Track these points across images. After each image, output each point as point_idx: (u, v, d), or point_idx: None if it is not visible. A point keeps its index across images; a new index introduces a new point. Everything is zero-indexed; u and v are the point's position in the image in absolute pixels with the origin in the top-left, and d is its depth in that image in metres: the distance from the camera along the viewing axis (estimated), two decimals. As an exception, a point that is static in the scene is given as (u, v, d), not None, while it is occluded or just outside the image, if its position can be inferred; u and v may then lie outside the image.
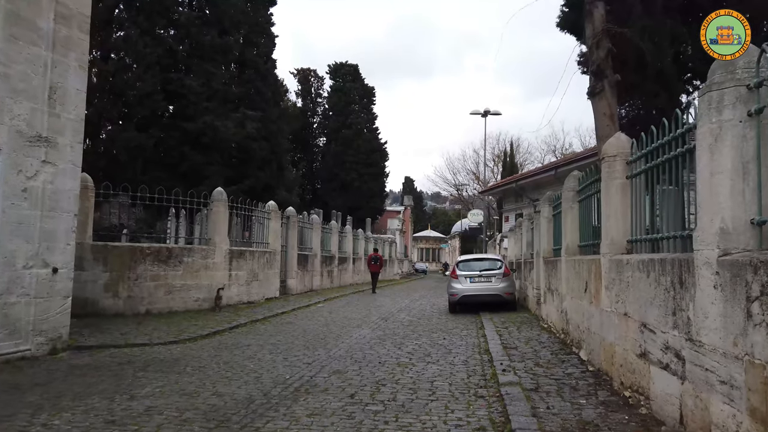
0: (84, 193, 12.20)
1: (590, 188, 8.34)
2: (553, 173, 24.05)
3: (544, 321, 12.03)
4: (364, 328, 12.25)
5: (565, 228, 9.77)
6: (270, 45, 31.86)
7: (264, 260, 16.55)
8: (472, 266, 15.72)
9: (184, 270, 13.32)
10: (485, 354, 8.93)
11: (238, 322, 12.21)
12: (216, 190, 14.58)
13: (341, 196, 41.32)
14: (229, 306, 14.45)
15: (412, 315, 15.27)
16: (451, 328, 12.35)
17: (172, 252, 13.21)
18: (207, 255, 13.90)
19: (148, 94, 23.01)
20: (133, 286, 12.58)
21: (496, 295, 15.00)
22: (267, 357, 8.65)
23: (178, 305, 13.17)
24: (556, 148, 52.90)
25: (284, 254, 18.59)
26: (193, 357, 8.56)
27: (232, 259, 14.67)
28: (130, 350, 9.01)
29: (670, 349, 4.76)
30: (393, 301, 19.84)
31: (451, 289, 15.43)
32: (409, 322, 13.47)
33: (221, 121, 24.96)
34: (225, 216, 14.54)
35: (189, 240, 15.74)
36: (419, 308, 17.42)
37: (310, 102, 46.25)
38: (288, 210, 19.47)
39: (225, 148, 25.79)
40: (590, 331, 7.70)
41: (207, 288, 13.83)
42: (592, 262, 7.55)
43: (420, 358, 8.61)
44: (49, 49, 8.46)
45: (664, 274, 4.88)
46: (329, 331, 11.63)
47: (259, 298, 16.16)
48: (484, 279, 15.22)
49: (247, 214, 16.07)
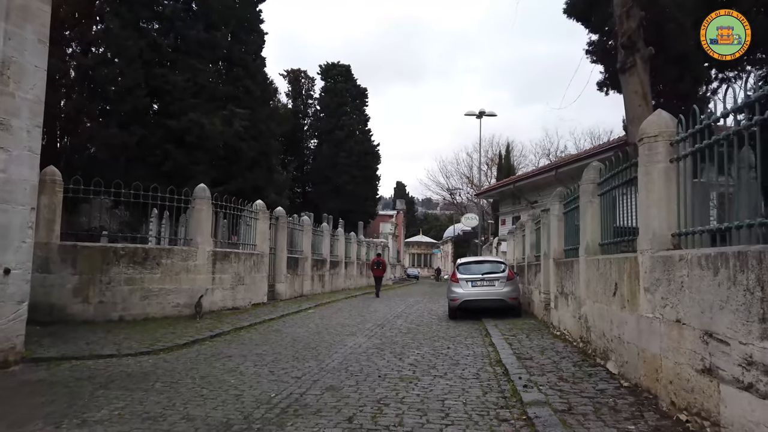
0: (51, 187, 11.12)
1: (618, 177, 7.37)
2: (553, 174, 23.19)
3: (556, 328, 11.04)
4: (359, 336, 11.21)
5: (584, 225, 8.80)
6: (259, 42, 30.89)
7: (251, 263, 15.47)
8: (473, 269, 14.73)
9: (162, 273, 12.22)
10: (498, 366, 7.92)
11: (221, 329, 11.12)
12: (199, 186, 13.51)
13: (333, 199, 40.24)
14: (212, 312, 13.35)
15: (410, 321, 14.24)
16: (454, 336, 11.34)
17: (149, 253, 12.10)
18: (188, 257, 12.80)
19: (130, 90, 21.93)
20: (105, 290, 11.46)
21: (499, 300, 14.01)
22: (250, 370, 7.59)
23: (156, 311, 12.06)
24: (550, 152, 52.24)
25: (273, 257, 17.52)
26: (165, 370, 7.48)
27: (215, 261, 13.58)
28: (95, 363, 7.91)
29: (754, 366, 3.77)
30: (388, 307, 18.79)
31: (452, 293, 14.42)
32: (408, 329, 12.44)
33: (208, 118, 23.92)
34: (208, 215, 13.46)
35: (173, 241, 14.57)
36: (416, 314, 16.39)
37: (301, 103, 45.23)
38: (277, 210, 18.40)
39: (211, 147, 24.71)
40: (622, 341, 6.71)
41: (188, 292, 12.74)
42: (624, 261, 6.57)
43: (425, 371, 7.58)
44: (2, 18, 7.39)
45: (744, 270, 3.89)
46: (321, 340, 10.58)
47: (246, 303, 15.06)
48: (487, 283, 14.22)
49: (234, 214, 14.98)
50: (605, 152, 19.30)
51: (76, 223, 15.97)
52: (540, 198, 26.78)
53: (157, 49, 23.44)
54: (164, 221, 21.45)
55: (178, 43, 24.49)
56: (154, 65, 23.00)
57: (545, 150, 51.84)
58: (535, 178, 25.96)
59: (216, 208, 14.15)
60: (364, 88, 44.49)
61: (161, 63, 23.52)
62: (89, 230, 13.98)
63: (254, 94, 29.43)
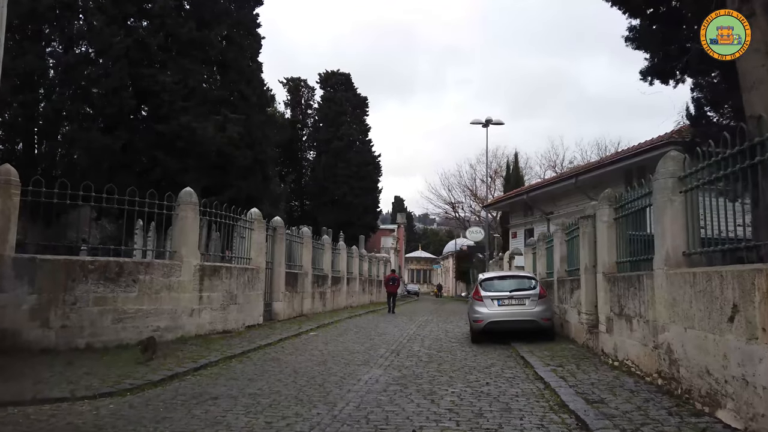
0: (4, 190, 9.28)
1: (724, 166, 5.58)
2: (573, 182, 21.49)
3: (610, 356, 9.19)
4: (373, 367, 9.35)
5: (661, 229, 6.99)
6: (255, 46, 29.19)
7: (245, 279, 13.60)
8: (499, 286, 12.90)
9: (139, 291, 10.35)
10: (564, 412, 6.07)
11: (208, 359, 9.23)
12: (184, 190, 11.70)
13: (332, 211, 38.42)
14: (198, 337, 11.46)
15: (428, 346, 12.39)
16: (486, 366, 9.48)
17: (124, 268, 10.23)
18: (171, 272, 10.95)
19: (115, 91, 20.17)
20: (69, 312, 9.57)
21: (531, 321, 12.19)
22: (241, 420, 5.74)
23: (131, 337, 10.17)
24: (555, 163, 50.69)
25: (269, 272, 15.65)
26: (127, 422, 5.62)
27: (203, 277, 11.73)
28: (37, 410, 6.04)
29: None
30: (397, 328, 16.92)
31: (475, 313, 12.57)
32: (429, 357, 10.59)
33: (199, 122, 22.13)
34: (195, 223, 11.64)
35: (158, 254, 12.52)
36: (432, 336, 14.53)
37: (300, 113, 43.57)
38: (275, 220, 16.56)
39: (203, 154, 22.88)
40: (749, 384, 4.90)
41: (170, 314, 10.86)
42: (757, 275, 4.78)
43: (470, 421, 5.75)
44: None
45: None
46: (329, 372, 8.71)
47: (238, 326, 13.17)
48: (516, 301, 12.39)
49: (226, 223, 13.15)
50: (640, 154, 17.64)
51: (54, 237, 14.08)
52: (556, 209, 25.07)
53: (144, 48, 21.71)
54: (150, 234, 19.64)
55: (168, 42, 22.79)
56: (142, 65, 21.26)
57: (551, 162, 50.32)
58: (551, 188, 24.23)
59: (205, 217, 12.34)
60: (364, 97, 42.93)
61: (149, 63, 21.76)
62: (66, 243, 12.11)
63: (250, 100, 27.67)
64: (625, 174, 19.83)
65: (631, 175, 19.66)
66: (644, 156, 17.52)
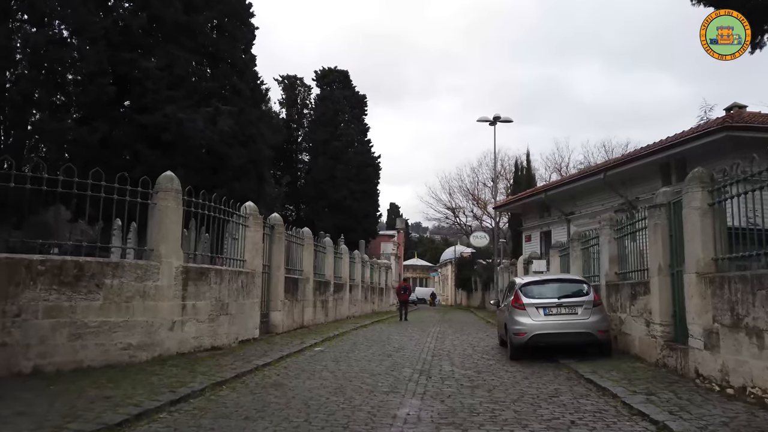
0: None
1: None
2: (601, 177, 19.48)
3: (715, 381, 7.07)
4: (405, 395, 7.21)
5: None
6: (249, 37, 27.19)
7: (238, 284, 11.42)
8: (545, 291, 10.78)
9: (105, 299, 8.16)
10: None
11: (191, 387, 7.05)
12: (164, 174, 9.58)
13: (330, 216, 36.21)
14: (181, 356, 9.27)
15: (458, 364, 10.26)
16: (553, 394, 7.35)
17: (85, 269, 8.03)
18: (146, 274, 8.77)
19: (91, 76, 18.00)
20: (11, 326, 7.36)
21: (585, 333, 10.07)
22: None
23: (94, 357, 7.99)
24: (561, 166, 48.84)
25: (266, 277, 13.48)
26: None
27: (187, 281, 9.54)
28: None
29: None
30: (413, 341, 14.79)
31: (516, 325, 10.44)
32: (469, 380, 8.46)
33: (187, 114, 19.97)
34: (177, 215, 9.48)
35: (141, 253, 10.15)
36: (458, 352, 12.40)
37: (295, 113, 41.41)
38: (273, 217, 14.38)
39: (192, 150, 20.75)
40: None
41: (144, 327, 8.68)
42: None
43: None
44: None
45: None
46: (350, 405, 6.56)
47: (230, 341, 10.97)
48: (566, 310, 10.28)
49: (216, 217, 10.98)
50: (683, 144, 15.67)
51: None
52: (577, 208, 23.09)
53: (126, 30, 19.55)
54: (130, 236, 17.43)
55: (153, 26, 20.68)
56: (122, 49, 19.08)
57: (556, 165, 48.47)
58: (573, 185, 22.18)
59: (191, 209, 10.18)
60: (363, 95, 40.79)
61: (131, 47, 19.58)
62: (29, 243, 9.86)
63: (243, 94, 25.57)
64: (660, 168, 17.89)
65: (668, 169, 17.73)
66: (689, 146, 15.57)
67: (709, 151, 15.69)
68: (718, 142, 14.85)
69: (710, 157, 16.01)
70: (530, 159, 40.69)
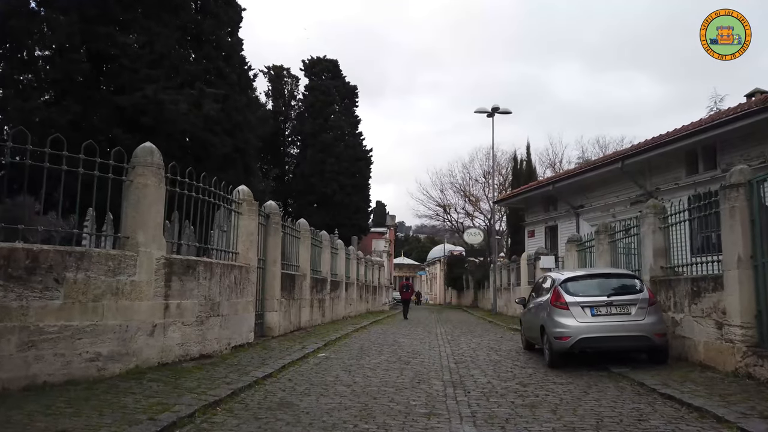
0: None
1: None
2: (619, 166, 18.12)
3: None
4: (451, 420, 5.68)
5: None
6: (236, 18, 25.42)
7: (230, 280, 9.75)
8: (591, 288, 9.27)
9: (66, 297, 6.48)
10: None
11: (176, 413, 5.40)
12: (142, 146, 7.94)
13: (320, 211, 34.45)
14: (163, 366, 7.60)
15: (493, 374, 8.72)
16: (638, 417, 5.85)
17: (41, 259, 6.34)
18: (119, 267, 7.09)
19: (62, 51, 16.17)
20: (-60, 333, 5.68)
21: (641, 337, 8.60)
22: None
23: (53, 371, 6.31)
24: (554, 163, 47.70)
25: (261, 272, 11.83)
26: None
27: (171, 276, 7.88)
28: None
29: None
30: (423, 343, 13.28)
31: (558, 327, 8.92)
32: (517, 395, 6.93)
33: (169, 95, 18.20)
34: (158, 194, 7.82)
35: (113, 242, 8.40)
36: (481, 356, 10.88)
37: (283, 104, 39.57)
38: (268, 205, 12.70)
39: (173, 135, 18.93)
40: None
41: (118, 333, 7.00)
42: None
43: None
44: None
45: None
46: (389, 436, 4.99)
47: (221, 347, 9.30)
48: (617, 309, 8.79)
49: (204, 200, 9.31)
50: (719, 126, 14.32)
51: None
52: (588, 201, 21.74)
53: (101, 3, 17.70)
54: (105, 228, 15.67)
55: (132, 0, 18.84)
56: (97, 22, 17.23)
57: (551, 161, 47.30)
58: (585, 176, 20.78)
59: (174, 188, 8.51)
60: (353, 86, 39.01)
61: (107, 20, 17.72)
62: None
63: (229, 79, 23.76)
64: (686, 156, 16.58)
65: (695, 157, 16.43)
66: (726, 128, 14.21)
67: (742, 137, 14.43)
68: (757, 124, 13.54)
69: (743, 144, 14.74)
70: (530, 152, 39.30)
